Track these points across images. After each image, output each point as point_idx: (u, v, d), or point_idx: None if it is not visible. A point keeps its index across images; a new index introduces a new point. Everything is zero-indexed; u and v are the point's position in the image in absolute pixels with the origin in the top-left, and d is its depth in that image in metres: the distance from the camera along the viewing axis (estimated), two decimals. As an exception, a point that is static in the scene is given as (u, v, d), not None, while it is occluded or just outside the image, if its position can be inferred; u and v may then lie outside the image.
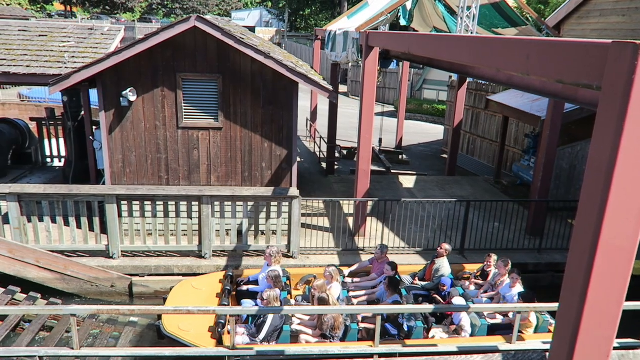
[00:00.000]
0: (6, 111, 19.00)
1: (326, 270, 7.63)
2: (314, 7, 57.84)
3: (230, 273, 8.19)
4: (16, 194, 8.44)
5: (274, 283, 7.42)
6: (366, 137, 9.74)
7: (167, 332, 6.65)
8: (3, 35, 11.12)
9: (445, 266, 8.15)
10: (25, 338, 7.05)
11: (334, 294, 7.31)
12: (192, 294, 7.64)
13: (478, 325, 6.99)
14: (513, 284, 7.52)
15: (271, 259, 7.88)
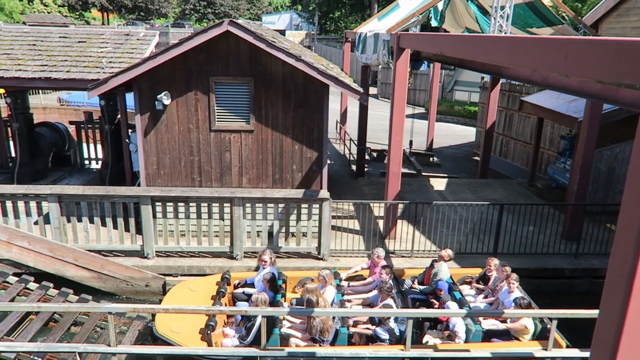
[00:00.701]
0: (47, 115, 19.72)
1: (320, 273, 7.66)
2: (343, 9, 57.91)
3: (227, 275, 8.19)
4: (57, 194, 8.74)
5: (269, 285, 7.50)
6: (397, 140, 9.68)
7: (158, 333, 6.74)
8: (45, 42, 11.54)
9: (443, 270, 8.05)
10: (57, 332, 7.30)
11: (328, 298, 7.32)
12: (188, 295, 7.69)
13: (472, 331, 6.87)
14: (511, 289, 7.38)
15: (266, 262, 7.94)
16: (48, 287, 8.43)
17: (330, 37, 57.60)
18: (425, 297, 7.96)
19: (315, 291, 6.94)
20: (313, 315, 6.46)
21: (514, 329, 7.05)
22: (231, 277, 8.26)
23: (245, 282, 8.21)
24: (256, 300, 6.80)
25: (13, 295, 7.98)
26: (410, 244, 9.72)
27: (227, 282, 8.08)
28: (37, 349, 5.64)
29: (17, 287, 8.21)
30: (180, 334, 6.66)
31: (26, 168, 11.89)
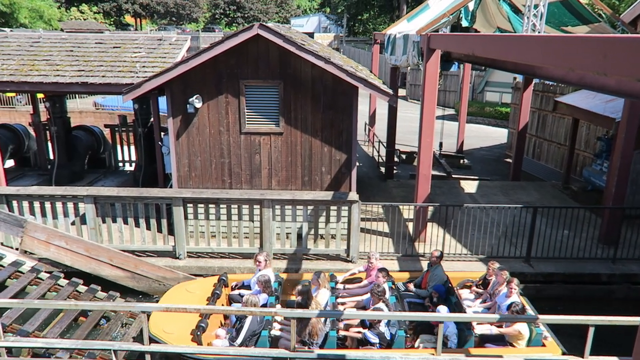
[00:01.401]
0: (83, 118, 20.32)
1: (314, 276, 7.65)
2: (372, 11, 57.78)
3: (223, 277, 8.22)
4: (93, 196, 9.00)
5: (263, 287, 7.50)
6: (427, 141, 9.58)
7: (151, 333, 6.77)
8: (82, 48, 11.90)
9: (438, 274, 7.95)
10: (87, 327, 7.51)
11: (321, 300, 7.27)
12: (185, 297, 7.74)
13: (464, 336, 6.73)
14: (509, 294, 7.21)
15: (261, 264, 7.94)
16: (77, 284, 8.70)
17: (359, 39, 57.56)
18: (422, 301, 7.90)
19: (307, 294, 6.93)
20: (295, 316, 6.38)
21: (508, 334, 6.91)
22: (228, 279, 8.32)
23: (243, 284, 8.28)
24: (246, 302, 6.86)
25: (44, 291, 8.25)
26: (440, 247, 9.58)
27: (224, 283, 8.15)
28: (75, 346, 5.82)
29: (49, 283, 8.48)
30: (172, 335, 6.72)
31: (64, 170, 12.28)
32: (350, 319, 7.04)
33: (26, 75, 10.41)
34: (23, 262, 8.82)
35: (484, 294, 7.94)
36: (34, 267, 8.76)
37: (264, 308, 7.08)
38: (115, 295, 8.71)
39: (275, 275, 8.15)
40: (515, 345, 6.81)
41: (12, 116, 21.46)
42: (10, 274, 8.42)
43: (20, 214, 9.18)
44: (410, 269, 9.17)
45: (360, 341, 6.85)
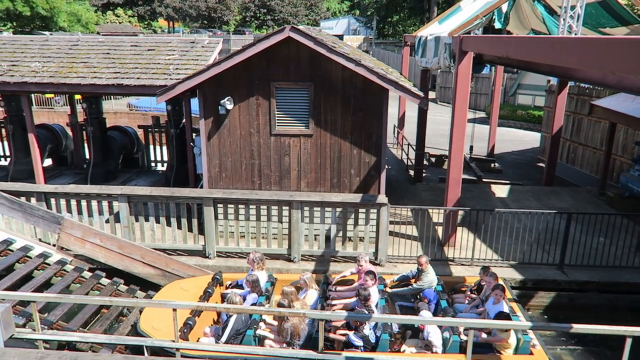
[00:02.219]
0: (117, 119, 20.85)
1: (301, 277, 7.74)
2: (402, 13, 57.43)
3: (217, 276, 8.40)
4: (126, 195, 9.22)
5: (251, 287, 7.60)
6: (458, 145, 9.46)
7: (140, 329, 6.94)
8: (117, 51, 12.22)
9: (427, 280, 7.87)
10: (104, 321, 7.75)
11: (309, 301, 7.39)
12: (178, 294, 7.88)
13: (450, 342, 6.62)
14: (497, 300, 7.09)
15: (254, 264, 8.06)
16: (119, 283, 8.92)
17: (388, 41, 57.29)
18: (413, 304, 7.85)
19: (290, 295, 7.00)
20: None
21: (494, 341, 6.77)
22: (223, 278, 8.48)
23: (236, 283, 8.39)
24: (228, 300, 7.00)
25: (87, 290, 8.48)
26: (470, 252, 9.46)
27: (218, 282, 8.33)
28: (109, 341, 5.97)
29: (92, 282, 8.71)
30: (160, 331, 6.84)
31: (99, 169, 12.61)
32: (334, 320, 7.03)
33: (65, 77, 10.74)
34: (65, 260, 9.09)
35: (476, 300, 7.86)
36: (79, 266, 9.03)
37: (247, 307, 7.12)
38: (135, 289, 8.96)
39: (268, 275, 8.32)
40: (502, 352, 6.71)
41: (50, 116, 22.19)
42: (37, 266, 8.67)
43: (58, 211, 9.48)
44: (439, 273, 9.03)
45: (345, 343, 6.86)
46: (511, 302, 7.60)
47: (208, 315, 7.68)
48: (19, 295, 6.19)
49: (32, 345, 6.07)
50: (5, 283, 7.88)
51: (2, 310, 5.54)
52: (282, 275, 8.76)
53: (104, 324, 7.62)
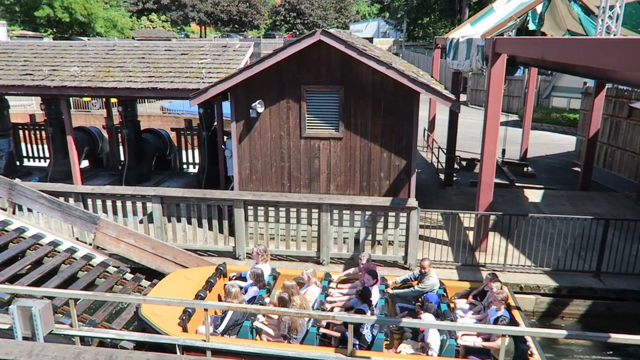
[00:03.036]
0: (151, 122, 21.36)
1: (303, 272, 7.86)
2: (432, 15, 56.92)
3: (221, 267, 8.53)
4: (160, 196, 9.42)
5: (255, 280, 7.75)
6: (490, 148, 9.31)
7: (141, 314, 7.05)
8: (152, 55, 12.51)
9: (429, 283, 7.75)
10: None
11: (310, 297, 7.47)
12: (181, 282, 8.03)
13: (446, 345, 6.51)
14: (499, 308, 6.93)
15: (258, 257, 8.23)
16: (141, 279, 9.14)
17: (418, 43, 56.85)
18: (413, 306, 7.76)
19: (291, 288, 7.07)
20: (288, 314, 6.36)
21: (491, 347, 6.59)
22: (227, 269, 8.64)
23: (240, 275, 8.49)
24: (226, 291, 7.12)
25: (112, 284, 8.74)
26: (502, 257, 9.28)
27: (222, 273, 8.47)
28: (142, 339, 6.11)
29: (116, 277, 8.96)
30: (160, 317, 6.94)
31: (133, 171, 12.93)
32: (323, 319, 7.04)
33: (102, 81, 11.07)
34: (93, 255, 9.37)
35: (478, 305, 7.73)
36: (103, 261, 9.27)
37: (250, 305, 7.11)
38: (140, 277, 9.17)
39: (271, 269, 8.42)
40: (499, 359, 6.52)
41: (87, 119, 22.88)
42: (81, 267, 8.95)
43: (94, 211, 9.76)
44: (470, 279, 8.92)
45: (341, 340, 6.86)
46: (513, 309, 7.47)
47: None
48: (58, 292, 6.41)
49: (69, 341, 6.27)
50: (53, 282, 8.20)
51: (42, 307, 5.74)
52: (285, 270, 8.85)
53: (107, 309, 7.85)
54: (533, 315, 8.92)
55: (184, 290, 7.76)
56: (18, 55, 12.79)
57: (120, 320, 7.58)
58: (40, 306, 5.74)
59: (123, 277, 9.02)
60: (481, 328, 6.59)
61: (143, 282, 9.06)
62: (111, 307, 7.95)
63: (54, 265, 8.71)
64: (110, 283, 8.71)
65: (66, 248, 9.28)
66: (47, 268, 8.52)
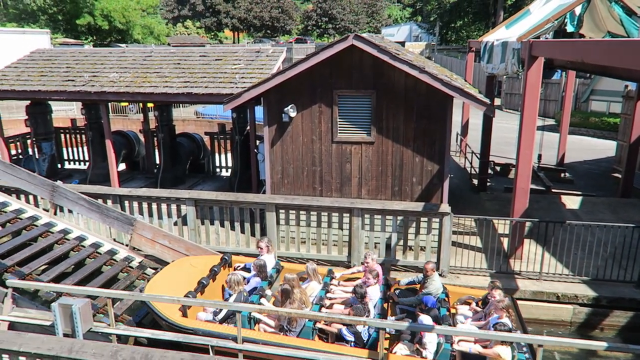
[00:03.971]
0: (185, 126, 21.80)
1: (307, 267, 7.98)
2: (465, 18, 56.20)
3: (226, 257, 8.63)
4: (194, 199, 9.60)
5: (258, 271, 7.89)
6: (526, 153, 9.11)
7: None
8: (187, 61, 12.80)
9: (432, 288, 7.66)
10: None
11: (311, 291, 7.60)
12: (186, 269, 8.18)
13: (441, 349, 6.44)
14: (500, 316, 6.76)
15: (263, 249, 8.38)
16: (146, 267, 9.35)
17: (451, 47, 56.19)
18: (414, 309, 7.61)
19: (292, 281, 7.16)
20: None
21: (487, 355, 6.38)
22: (232, 259, 8.76)
23: (245, 266, 8.55)
24: (229, 280, 7.27)
25: (133, 279, 8.95)
26: (538, 265, 9.05)
27: (227, 263, 8.59)
28: (176, 339, 6.22)
29: (137, 272, 9.16)
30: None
31: (168, 174, 13.22)
32: (314, 318, 7.03)
33: (139, 87, 11.39)
34: (133, 257, 9.61)
35: (479, 313, 7.58)
36: (127, 256, 9.51)
37: (252, 305, 7.07)
38: (145, 265, 9.36)
39: (276, 262, 8.55)
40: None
41: (124, 124, 23.54)
42: (122, 268, 9.20)
43: (131, 213, 10.01)
44: (505, 286, 8.72)
45: (338, 337, 6.86)
46: (515, 318, 7.33)
47: (214, 293, 7.95)
48: (95, 291, 6.61)
49: (107, 339, 6.45)
50: (97, 282, 8.48)
51: (82, 305, 5.93)
52: (289, 265, 8.92)
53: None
54: (571, 325, 8.66)
55: (188, 277, 7.91)
56: (61, 62, 13.30)
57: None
58: (80, 304, 5.93)
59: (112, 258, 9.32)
60: (470, 332, 6.46)
61: (147, 271, 9.27)
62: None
63: (96, 266, 8.98)
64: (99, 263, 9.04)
65: (107, 250, 9.55)
66: (90, 269, 8.79)
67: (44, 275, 8.01)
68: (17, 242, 8.82)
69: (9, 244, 8.71)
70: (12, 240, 8.89)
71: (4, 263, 7.97)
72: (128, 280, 8.74)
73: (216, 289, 8.04)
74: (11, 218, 9.54)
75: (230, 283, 7.28)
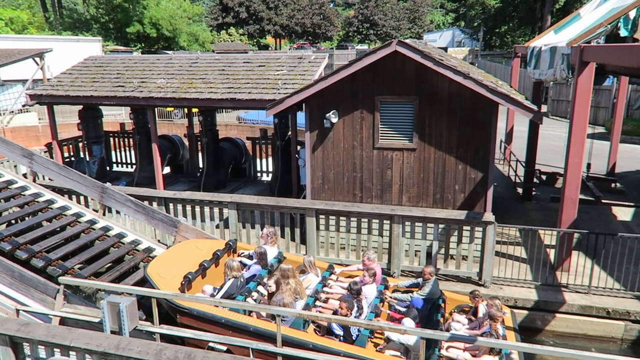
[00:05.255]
0: (227, 131, 22.23)
1: (304, 259, 8.07)
2: (511, 23, 54.92)
3: (230, 243, 8.73)
4: (235, 203, 9.76)
5: (258, 259, 7.97)
6: (575, 162, 8.79)
7: (147, 274, 7.42)
8: (232, 67, 13.06)
9: (427, 292, 7.57)
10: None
11: (307, 284, 7.67)
12: (191, 250, 8.34)
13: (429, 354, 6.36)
14: (492, 326, 6.64)
15: (267, 238, 8.54)
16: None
17: (495, 52, 55.02)
18: (404, 304, 7.61)
19: (287, 272, 7.18)
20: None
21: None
22: (237, 246, 8.87)
23: (248, 254, 8.57)
24: (226, 264, 7.42)
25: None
26: (586, 279, 8.70)
27: (231, 248, 8.70)
28: (219, 340, 6.32)
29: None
30: (164, 279, 7.25)
31: (210, 178, 13.50)
32: (323, 308, 7.31)
33: (185, 92, 11.70)
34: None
35: (474, 322, 7.36)
36: (149, 247, 9.69)
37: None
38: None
39: (278, 253, 8.58)
40: None
41: (169, 128, 24.22)
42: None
43: (175, 215, 10.28)
44: (550, 299, 8.45)
45: (328, 331, 6.83)
46: (509, 330, 7.12)
47: (216, 277, 8.02)
48: (140, 290, 6.80)
49: (150, 338, 6.62)
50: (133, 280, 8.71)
51: (129, 304, 6.12)
52: (290, 256, 8.90)
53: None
54: (622, 342, 8.28)
55: (192, 258, 8.06)
56: (112, 68, 13.84)
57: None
58: (127, 303, 6.11)
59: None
60: (441, 335, 6.20)
61: (153, 254, 9.49)
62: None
63: (135, 263, 9.24)
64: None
65: (145, 247, 9.82)
66: (127, 265, 9.04)
67: (84, 271, 8.30)
68: (62, 238, 9.16)
69: (55, 238, 9.05)
70: (57, 235, 9.21)
71: (49, 257, 8.32)
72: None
73: (219, 273, 8.17)
74: (57, 214, 9.91)
75: (225, 269, 7.48)
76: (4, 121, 24.83)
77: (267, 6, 69.08)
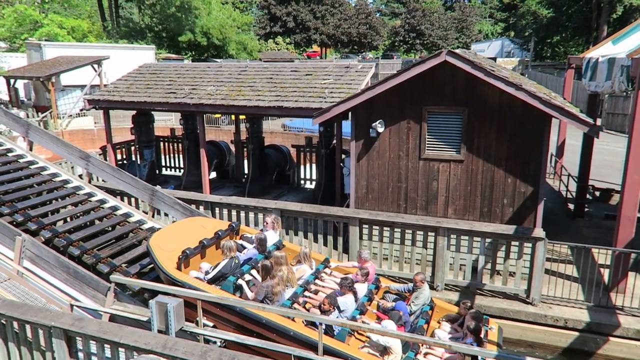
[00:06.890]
0: (272, 138, 22.51)
1: (301, 250, 8.13)
2: (564, 33, 53.22)
3: (234, 224, 8.83)
4: (280, 209, 9.87)
5: (257, 244, 8.02)
6: (634, 178, 8.37)
7: (149, 244, 7.59)
8: (279, 76, 13.25)
9: (420, 303, 7.59)
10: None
11: (300, 274, 7.71)
12: (195, 227, 8.43)
13: (404, 357, 6.45)
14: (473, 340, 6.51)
15: (269, 225, 8.63)
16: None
17: (546, 63, 53.43)
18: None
19: (280, 259, 7.29)
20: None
21: None
22: (239, 228, 8.97)
23: (250, 238, 8.62)
24: (222, 246, 7.54)
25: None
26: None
27: (234, 230, 8.79)
28: (259, 345, 6.38)
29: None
30: (163, 252, 7.41)
31: (255, 184, 13.71)
32: (312, 299, 7.37)
33: (234, 100, 11.96)
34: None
35: (459, 332, 7.18)
36: None
37: (254, 302, 6.96)
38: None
39: (278, 240, 8.62)
40: None
41: (217, 134, 24.78)
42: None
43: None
44: (604, 321, 8.06)
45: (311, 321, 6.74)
46: (492, 344, 6.91)
47: (216, 256, 8.07)
48: (188, 293, 6.97)
49: (194, 339, 6.75)
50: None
51: (176, 305, 6.27)
52: (290, 245, 8.88)
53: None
54: (682, 372, 7.78)
55: (194, 235, 8.16)
56: (164, 75, 14.33)
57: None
58: (174, 303, 6.27)
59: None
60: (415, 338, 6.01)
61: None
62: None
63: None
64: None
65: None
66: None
67: (130, 269, 8.58)
68: (112, 237, 9.49)
69: (105, 237, 9.40)
70: (107, 234, 9.55)
71: (99, 254, 8.66)
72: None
73: (219, 252, 8.25)
74: (107, 213, 10.27)
75: (223, 248, 7.58)
76: (63, 124, 26.14)
77: (314, 16, 69.83)
